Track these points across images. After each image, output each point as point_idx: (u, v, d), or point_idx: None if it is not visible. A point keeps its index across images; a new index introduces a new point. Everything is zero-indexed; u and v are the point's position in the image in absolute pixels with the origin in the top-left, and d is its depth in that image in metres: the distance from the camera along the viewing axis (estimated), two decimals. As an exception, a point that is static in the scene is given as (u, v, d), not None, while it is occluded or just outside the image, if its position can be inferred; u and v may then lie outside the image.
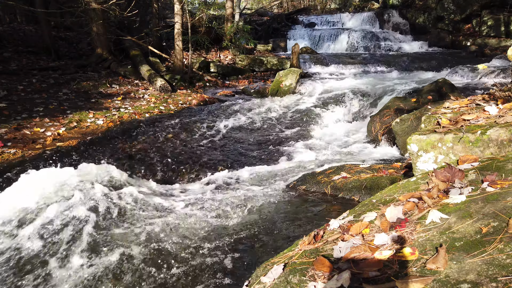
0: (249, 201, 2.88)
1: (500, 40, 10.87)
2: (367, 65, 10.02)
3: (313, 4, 21.23)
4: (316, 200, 2.81)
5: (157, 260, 2.09)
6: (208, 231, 2.41)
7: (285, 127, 5.50)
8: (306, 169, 3.56)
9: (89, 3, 7.94)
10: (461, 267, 0.98)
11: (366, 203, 1.62)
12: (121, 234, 2.30)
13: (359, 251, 1.18)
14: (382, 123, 4.48)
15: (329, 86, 7.33)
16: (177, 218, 2.56)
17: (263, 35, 14.40)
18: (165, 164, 4.04)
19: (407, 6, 14.46)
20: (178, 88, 7.80)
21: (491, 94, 2.41)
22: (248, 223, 2.51)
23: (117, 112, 5.73)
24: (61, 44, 10.10)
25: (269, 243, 2.25)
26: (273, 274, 1.22)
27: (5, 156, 3.80)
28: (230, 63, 10.50)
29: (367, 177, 2.84)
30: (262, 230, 2.40)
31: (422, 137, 1.99)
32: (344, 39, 13.33)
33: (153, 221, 2.49)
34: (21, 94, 6.06)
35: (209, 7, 12.85)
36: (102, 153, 4.23)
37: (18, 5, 8.43)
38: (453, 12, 12.34)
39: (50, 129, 4.74)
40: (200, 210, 2.72)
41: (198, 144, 4.71)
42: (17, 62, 8.03)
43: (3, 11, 11.16)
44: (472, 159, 1.69)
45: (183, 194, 3.15)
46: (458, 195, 1.37)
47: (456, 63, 8.58)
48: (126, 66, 8.71)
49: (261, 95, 7.72)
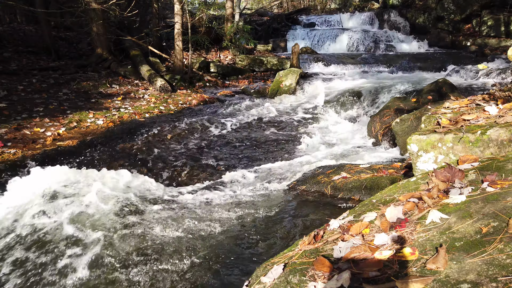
0: (249, 201, 2.88)
1: (500, 40, 10.87)
2: (367, 65, 10.02)
3: (313, 4, 21.23)
4: (316, 200, 2.81)
5: (154, 260, 2.09)
6: (207, 231, 2.41)
7: (285, 127, 5.50)
8: (306, 169, 3.56)
9: (89, 3, 7.94)
10: (461, 267, 0.98)
11: (366, 203, 1.61)
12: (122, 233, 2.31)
13: (359, 251, 1.18)
14: (382, 123, 4.48)
15: (329, 86, 7.33)
16: (175, 218, 2.55)
17: (263, 35, 14.39)
18: (165, 164, 4.04)
19: (407, 6, 14.46)
20: (178, 88, 7.80)
21: (491, 94, 2.41)
22: (247, 223, 2.51)
23: (117, 112, 5.73)
24: (61, 44, 10.10)
25: (269, 243, 2.25)
26: (273, 274, 1.22)
27: (5, 156, 3.80)
28: (230, 63, 10.50)
29: (367, 177, 2.84)
30: (262, 230, 2.39)
31: (422, 137, 1.99)
32: (344, 39, 13.32)
33: (152, 220, 2.49)
34: (21, 94, 6.06)
35: (209, 7, 12.85)
36: (102, 153, 4.23)
37: (18, 5, 8.43)
38: (453, 12, 12.34)
39: (50, 129, 4.74)
40: (199, 210, 2.72)
41: (198, 144, 4.71)
42: (17, 62, 8.03)
43: (3, 11, 11.16)
44: (472, 159, 1.69)
45: (182, 194, 3.15)
46: (458, 195, 1.37)
47: (456, 63, 8.58)
48: (126, 66, 8.71)
49: (261, 95, 7.72)
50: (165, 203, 2.82)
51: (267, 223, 2.49)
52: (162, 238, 2.30)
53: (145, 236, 2.30)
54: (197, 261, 2.10)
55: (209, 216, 2.61)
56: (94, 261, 2.05)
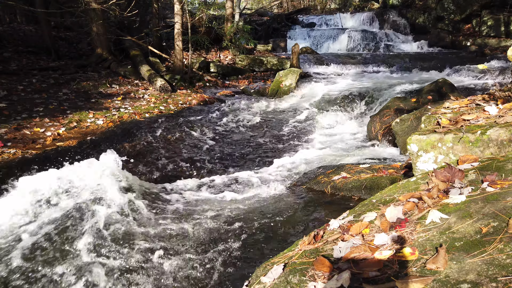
0: (249, 201, 2.88)
1: (500, 40, 10.87)
2: (367, 65, 10.02)
3: (313, 4, 21.23)
4: (316, 200, 2.81)
5: (153, 261, 2.09)
6: (207, 231, 2.41)
7: (285, 127, 5.50)
8: (306, 169, 3.56)
9: (89, 3, 7.94)
10: (461, 267, 0.98)
11: (366, 203, 1.62)
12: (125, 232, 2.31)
13: (359, 251, 1.18)
14: (382, 123, 4.48)
15: (329, 86, 7.33)
16: (174, 218, 2.55)
17: (263, 35, 14.40)
18: (164, 164, 4.04)
19: (407, 6, 14.46)
20: (178, 88, 7.80)
21: (491, 94, 2.41)
22: (247, 223, 2.51)
23: (117, 112, 5.73)
24: (61, 44, 10.09)
25: (269, 243, 2.25)
26: (273, 274, 1.22)
27: (5, 156, 3.80)
28: (230, 63, 10.50)
29: (367, 177, 2.84)
30: (262, 230, 2.39)
31: (422, 137, 1.99)
32: (344, 39, 13.33)
33: (151, 220, 2.49)
34: (21, 94, 6.06)
35: (209, 7, 12.85)
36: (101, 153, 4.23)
37: (18, 5, 8.42)
38: (453, 12, 12.34)
39: (50, 129, 4.73)
40: (199, 210, 2.72)
41: (197, 144, 4.71)
42: (17, 62, 8.03)
43: (3, 11, 11.16)
44: (472, 159, 1.69)
45: (182, 194, 3.15)
46: (458, 195, 1.37)
47: (456, 63, 8.58)
48: (126, 66, 8.71)
49: (261, 95, 7.72)
50: (161, 202, 2.82)
51: (267, 223, 2.49)
52: (159, 237, 2.30)
53: (143, 234, 2.30)
54: (196, 260, 2.10)
55: (207, 216, 2.61)
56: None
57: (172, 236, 2.34)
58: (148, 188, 3.07)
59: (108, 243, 2.15)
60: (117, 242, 2.19)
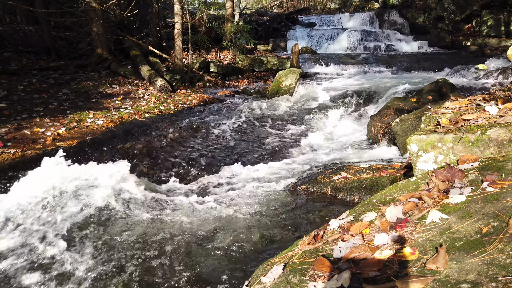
0: (249, 201, 2.88)
1: (500, 40, 10.87)
2: (367, 65, 10.02)
3: (313, 4, 21.23)
4: (316, 200, 2.81)
5: (153, 261, 2.09)
6: (207, 231, 2.41)
7: (285, 127, 5.50)
8: (306, 169, 3.56)
9: (89, 3, 7.94)
10: (461, 267, 0.98)
11: (366, 203, 1.61)
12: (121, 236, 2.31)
13: (359, 251, 1.18)
14: (382, 123, 4.48)
15: (329, 86, 7.33)
16: (173, 218, 2.55)
17: (263, 35, 14.40)
18: (164, 164, 4.04)
19: (407, 6, 14.47)
20: (178, 88, 7.80)
21: (491, 94, 2.41)
22: (247, 223, 2.51)
23: (117, 112, 5.73)
24: (61, 44, 10.09)
25: (269, 243, 2.25)
26: (273, 274, 1.22)
27: (5, 156, 3.80)
28: (230, 63, 10.50)
29: (367, 177, 2.84)
30: (262, 230, 2.39)
31: (422, 137, 1.99)
32: (344, 39, 13.33)
33: (150, 220, 2.49)
34: (21, 94, 6.06)
35: (209, 7, 12.84)
36: (102, 153, 4.23)
37: (18, 5, 8.42)
38: (453, 12, 12.34)
39: (50, 129, 4.73)
40: (198, 210, 2.72)
41: (197, 144, 4.71)
42: (17, 62, 8.03)
43: (3, 11, 11.16)
44: (472, 159, 1.69)
45: (182, 194, 3.15)
46: (458, 195, 1.37)
47: (456, 63, 8.58)
48: (126, 66, 8.71)
49: (261, 95, 7.72)
50: (161, 202, 2.82)
51: (267, 223, 2.49)
52: (159, 237, 2.30)
53: (142, 234, 2.30)
54: (195, 260, 2.10)
55: (207, 216, 2.61)
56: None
57: (172, 235, 2.34)
58: (151, 188, 3.07)
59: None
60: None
